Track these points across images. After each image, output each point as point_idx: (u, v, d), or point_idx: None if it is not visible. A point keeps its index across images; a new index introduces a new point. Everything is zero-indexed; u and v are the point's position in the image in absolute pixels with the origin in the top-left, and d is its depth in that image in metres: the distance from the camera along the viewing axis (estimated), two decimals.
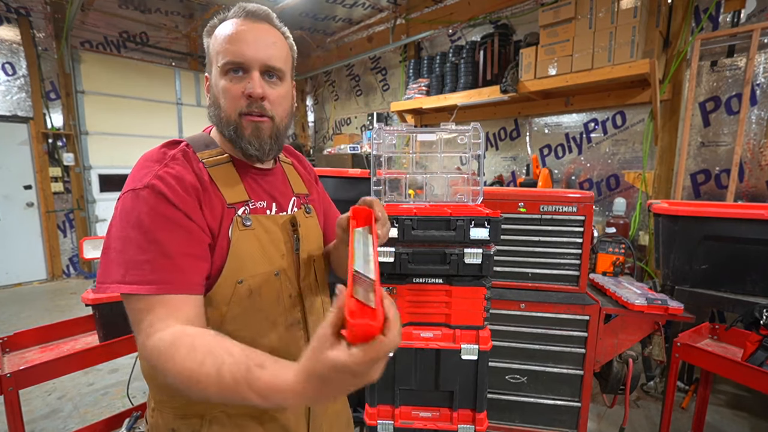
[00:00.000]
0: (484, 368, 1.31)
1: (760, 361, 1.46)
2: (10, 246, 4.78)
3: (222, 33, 0.72)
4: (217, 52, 0.72)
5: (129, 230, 0.63)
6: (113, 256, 0.63)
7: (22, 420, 1.39)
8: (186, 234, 0.66)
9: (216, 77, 0.73)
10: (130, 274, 0.61)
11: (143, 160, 0.71)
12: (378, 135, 1.48)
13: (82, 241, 1.80)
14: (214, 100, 0.75)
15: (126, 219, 0.64)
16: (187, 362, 0.55)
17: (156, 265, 0.62)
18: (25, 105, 4.72)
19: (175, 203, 0.65)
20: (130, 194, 0.65)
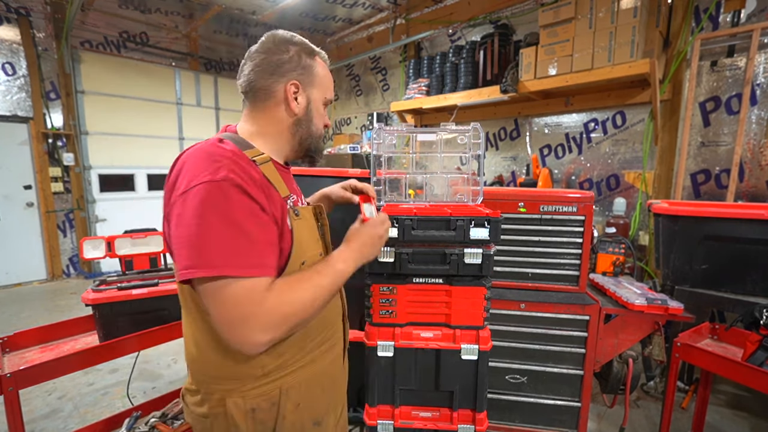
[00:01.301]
0: (484, 368, 1.31)
1: (760, 361, 1.46)
2: (10, 246, 4.78)
3: (327, 74, 0.96)
4: (327, 86, 0.95)
5: (217, 219, 0.68)
6: (207, 243, 0.68)
7: (22, 420, 1.39)
8: (265, 224, 0.75)
9: (318, 101, 0.93)
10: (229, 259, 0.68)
11: (205, 152, 0.75)
12: (378, 135, 1.48)
13: (82, 241, 1.80)
14: (309, 114, 0.92)
15: (212, 208, 0.69)
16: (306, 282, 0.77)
17: (250, 251, 0.70)
18: (25, 105, 4.72)
19: (253, 196, 0.73)
20: (209, 185, 0.69)
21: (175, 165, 0.78)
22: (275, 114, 0.88)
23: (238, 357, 0.79)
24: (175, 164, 0.78)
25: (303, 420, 0.88)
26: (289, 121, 0.90)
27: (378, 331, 1.34)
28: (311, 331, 0.89)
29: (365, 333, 1.38)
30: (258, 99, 0.88)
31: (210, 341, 0.80)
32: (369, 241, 0.94)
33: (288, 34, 0.91)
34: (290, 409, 0.85)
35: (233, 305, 0.68)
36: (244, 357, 0.79)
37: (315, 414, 0.91)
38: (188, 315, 0.83)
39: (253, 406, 0.81)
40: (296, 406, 0.86)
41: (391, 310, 1.34)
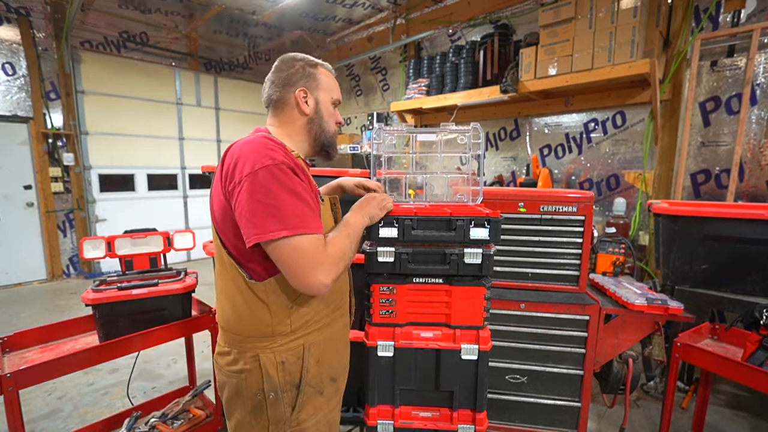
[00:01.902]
0: (484, 368, 1.31)
1: (760, 361, 1.46)
2: (10, 246, 4.78)
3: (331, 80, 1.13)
4: (332, 89, 1.13)
5: (286, 193, 0.88)
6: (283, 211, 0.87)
7: (22, 420, 1.39)
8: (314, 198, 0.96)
9: (326, 103, 1.12)
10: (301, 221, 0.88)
11: (261, 144, 0.93)
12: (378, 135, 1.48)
13: (82, 241, 1.79)
14: (321, 114, 1.11)
15: (280, 185, 0.87)
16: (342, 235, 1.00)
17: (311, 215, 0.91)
18: (25, 105, 4.72)
19: (301, 177, 0.94)
20: (273, 167, 0.88)
21: (227, 155, 0.94)
22: (291, 116, 1.08)
23: (271, 318, 0.96)
24: (227, 154, 0.94)
25: (322, 374, 1.05)
26: (303, 120, 1.08)
27: (378, 331, 1.34)
28: (325, 297, 1.05)
29: (365, 333, 1.38)
30: (277, 108, 1.08)
31: (248, 307, 0.96)
32: (374, 203, 1.19)
33: (293, 54, 1.11)
34: (312, 363, 1.02)
35: (307, 255, 0.87)
36: (277, 318, 0.97)
37: (331, 371, 1.08)
38: (229, 282, 0.98)
39: (283, 360, 0.98)
40: (317, 361, 1.03)
41: (391, 310, 1.34)
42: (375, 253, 1.28)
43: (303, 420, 1.01)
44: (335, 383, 1.10)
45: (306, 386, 1.00)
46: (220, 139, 6.45)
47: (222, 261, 0.99)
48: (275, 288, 0.96)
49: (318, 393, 1.04)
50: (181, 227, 6.12)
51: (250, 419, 0.99)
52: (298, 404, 0.99)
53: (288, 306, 0.97)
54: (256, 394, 0.97)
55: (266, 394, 0.97)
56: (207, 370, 2.75)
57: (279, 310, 0.96)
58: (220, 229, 0.97)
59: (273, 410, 0.98)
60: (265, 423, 0.98)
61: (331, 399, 1.09)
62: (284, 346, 0.98)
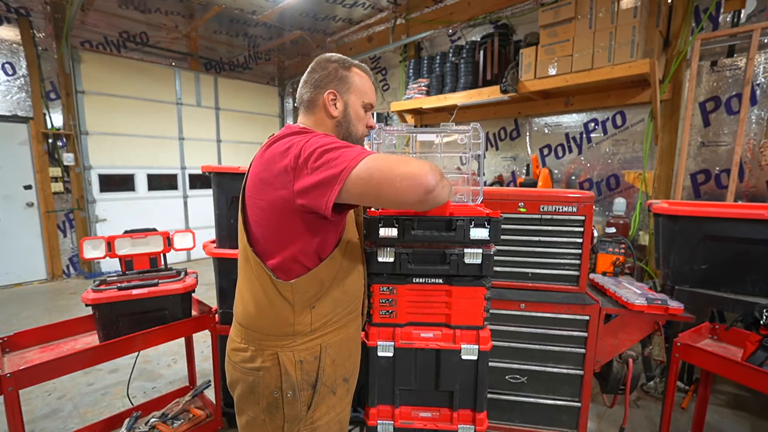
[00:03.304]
0: (484, 368, 1.31)
1: (760, 361, 1.46)
2: (10, 246, 4.78)
3: (365, 82, 1.12)
4: (364, 92, 1.11)
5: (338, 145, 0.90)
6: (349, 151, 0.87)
7: (22, 420, 1.39)
8: None
9: (356, 105, 1.11)
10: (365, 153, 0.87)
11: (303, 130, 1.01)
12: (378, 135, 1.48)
13: (82, 241, 1.80)
14: (349, 117, 1.10)
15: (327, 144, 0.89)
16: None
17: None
18: (25, 105, 4.72)
19: None
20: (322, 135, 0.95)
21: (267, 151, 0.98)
22: (320, 118, 1.09)
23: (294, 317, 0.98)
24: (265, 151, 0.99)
25: (336, 374, 1.07)
26: (331, 122, 1.09)
27: (378, 331, 1.34)
28: (343, 300, 1.07)
29: (365, 333, 1.38)
30: (308, 108, 1.09)
31: (272, 305, 0.98)
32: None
33: (328, 54, 1.11)
34: (328, 363, 1.04)
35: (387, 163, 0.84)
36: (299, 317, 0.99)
37: (345, 371, 1.11)
38: (254, 280, 1.00)
39: (301, 359, 1.00)
40: (332, 361, 1.05)
41: (391, 310, 1.34)
42: (375, 253, 1.27)
43: (317, 419, 1.03)
44: (347, 383, 1.12)
45: (321, 386, 1.02)
46: (220, 139, 6.45)
47: (247, 259, 1.01)
48: (300, 288, 0.97)
49: (332, 392, 1.06)
50: (181, 227, 6.11)
51: (264, 417, 1.01)
52: (313, 403, 1.01)
53: (310, 306, 1.00)
54: (273, 392, 0.99)
55: (284, 392, 0.98)
56: (207, 370, 2.75)
57: (302, 310, 0.99)
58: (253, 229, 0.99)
59: (290, 408, 0.99)
60: (281, 422, 1.00)
61: (343, 399, 1.11)
62: (303, 345, 1.00)
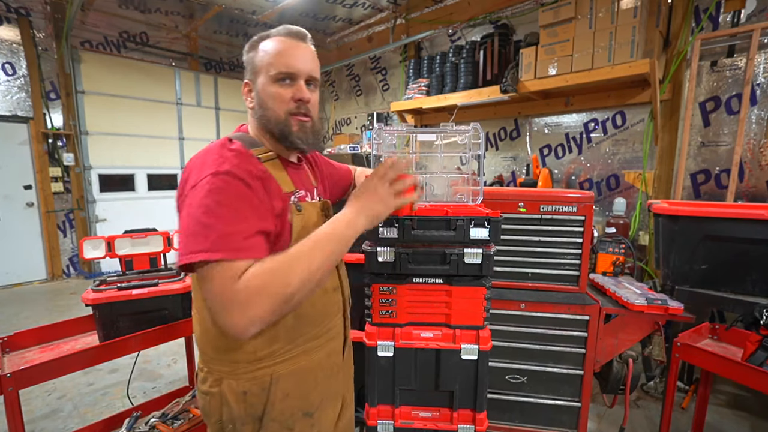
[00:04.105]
0: (484, 368, 1.31)
1: (760, 361, 1.46)
2: (10, 246, 4.78)
3: (272, 47, 0.88)
4: (269, 63, 0.87)
5: (220, 207, 0.73)
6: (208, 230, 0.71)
7: (22, 420, 1.39)
8: (260, 214, 0.79)
9: (265, 84, 0.88)
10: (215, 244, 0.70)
11: (211, 151, 0.81)
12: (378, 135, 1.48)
13: (82, 241, 1.80)
14: (261, 102, 0.89)
15: (216, 197, 0.73)
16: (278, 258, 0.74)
17: (241, 234, 0.73)
18: (25, 105, 4.72)
19: (252, 187, 0.78)
20: (213, 177, 0.75)
21: (188, 164, 0.83)
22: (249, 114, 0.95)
23: (231, 341, 0.84)
24: (188, 164, 0.84)
25: (292, 409, 0.91)
26: (252, 117, 0.94)
27: (378, 331, 1.34)
28: (304, 323, 0.92)
29: (365, 333, 1.38)
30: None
31: (210, 326, 0.86)
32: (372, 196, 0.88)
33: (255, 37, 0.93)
34: (279, 397, 0.89)
35: (216, 291, 0.70)
36: (238, 342, 0.84)
37: (306, 405, 0.94)
38: (196, 298, 0.91)
39: (245, 389, 0.86)
40: (285, 395, 0.90)
41: (391, 310, 1.34)
42: (375, 253, 1.27)
43: None
44: (311, 418, 0.95)
45: (270, 421, 0.88)
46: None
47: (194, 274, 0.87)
48: None
49: (286, 429, 0.91)
50: None
51: None
52: None
53: None
54: (216, 421, 0.89)
55: (224, 423, 0.88)
56: None
57: None
58: None
59: None
60: None
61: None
62: (249, 374, 0.86)
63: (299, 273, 0.73)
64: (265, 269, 0.71)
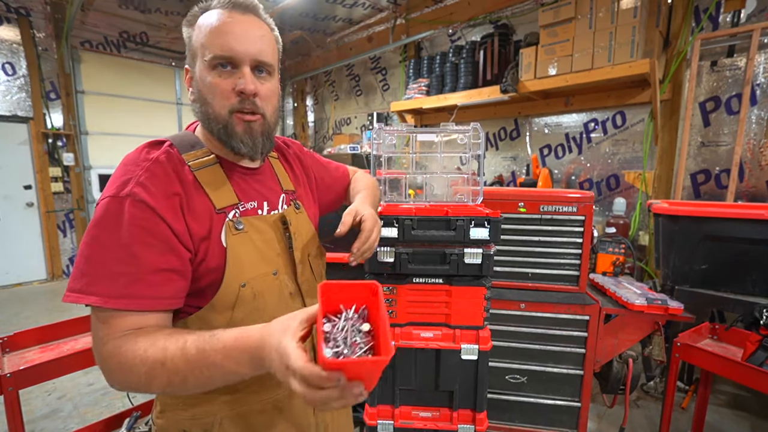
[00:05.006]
0: (484, 368, 1.31)
1: (760, 361, 1.46)
2: (10, 246, 4.78)
3: (207, 24, 0.68)
4: (203, 45, 0.68)
5: (107, 240, 0.60)
6: (87, 265, 0.60)
7: (22, 420, 1.39)
8: (165, 248, 0.63)
9: (201, 71, 0.69)
10: (97, 286, 0.59)
11: (125, 163, 0.67)
12: (378, 135, 1.48)
13: None
14: (199, 95, 0.70)
15: (105, 228, 0.61)
16: (150, 352, 0.56)
17: (130, 278, 0.60)
18: (25, 105, 4.72)
19: (159, 213, 0.62)
20: (110, 201, 0.62)
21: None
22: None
23: None
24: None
25: None
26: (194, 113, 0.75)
27: None
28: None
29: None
30: None
31: None
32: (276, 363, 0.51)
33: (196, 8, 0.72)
34: None
35: (93, 338, 0.61)
36: None
37: None
38: None
39: (185, 429, 0.71)
40: None
41: (391, 310, 1.34)
42: (375, 253, 1.27)
43: None
44: None
45: None
46: None
47: None
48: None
49: None
50: None
51: None
52: None
53: None
54: None
55: None
56: None
57: None
58: None
59: None
60: None
61: None
62: (188, 411, 0.71)
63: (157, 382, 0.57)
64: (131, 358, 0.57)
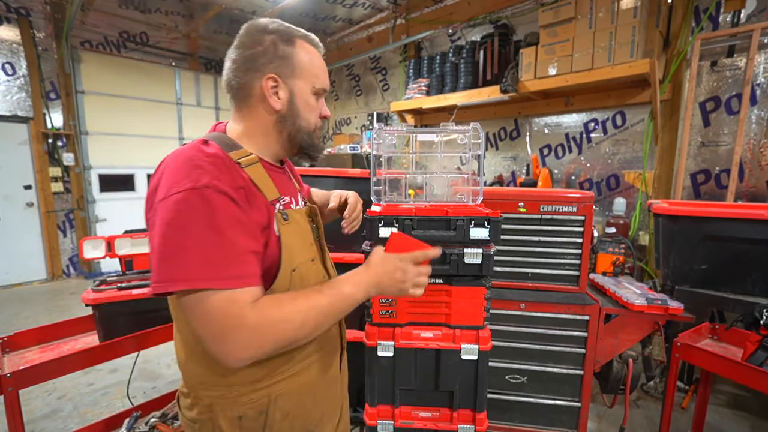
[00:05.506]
0: (484, 368, 1.31)
1: (760, 361, 1.46)
2: (10, 246, 4.78)
3: (314, 59, 0.86)
4: (313, 75, 0.85)
5: (198, 229, 0.65)
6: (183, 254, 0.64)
7: (22, 420, 1.39)
8: (249, 232, 0.71)
9: (304, 92, 0.84)
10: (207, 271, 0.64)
11: (185, 160, 0.70)
12: (378, 135, 1.48)
13: (82, 241, 1.80)
14: (295, 108, 0.84)
15: (192, 218, 0.65)
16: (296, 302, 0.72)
17: (232, 261, 0.67)
18: (25, 105, 4.72)
19: (238, 202, 0.70)
20: (189, 193, 0.65)
21: (157, 169, 0.73)
22: (257, 112, 0.83)
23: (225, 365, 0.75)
24: (157, 169, 0.73)
25: (293, 429, 0.85)
26: (271, 118, 0.83)
27: (378, 331, 1.34)
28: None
29: (365, 333, 1.38)
30: (239, 98, 0.83)
31: (198, 348, 0.77)
32: (395, 275, 0.81)
33: (264, 22, 0.82)
34: (278, 419, 0.82)
35: (213, 320, 0.65)
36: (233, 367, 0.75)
37: (306, 423, 0.88)
38: (176, 320, 0.82)
39: (240, 414, 0.79)
40: (285, 415, 0.83)
41: (391, 310, 1.34)
42: None
43: None
44: None
45: None
46: None
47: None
48: None
49: None
50: None
51: None
52: None
53: None
54: None
55: None
56: None
57: None
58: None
59: None
60: None
61: None
62: (245, 397, 0.79)
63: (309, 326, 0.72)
64: (280, 312, 0.69)
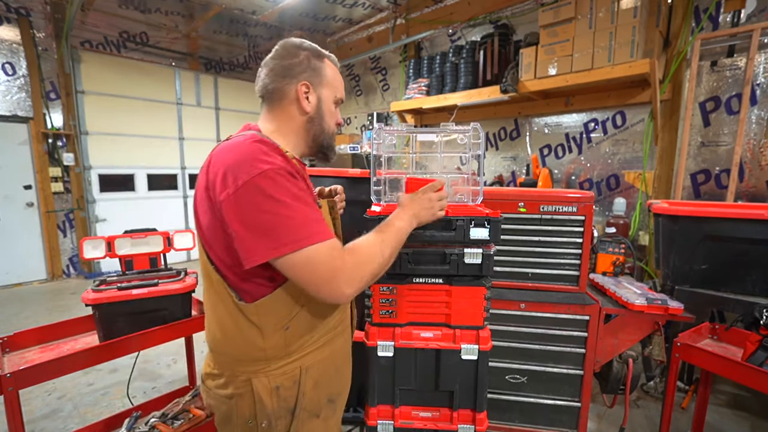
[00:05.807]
0: (484, 368, 1.31)
1: (760, 361, 1.46)
2: (10, 246, 4.78)
3: (337, 75, 1.03)
4: (336, 87, 1.02)
5: (289, 200, 0.78)
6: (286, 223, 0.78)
7: (22, 420, 1.39)
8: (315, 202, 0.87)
9: (329, 101, 1.01)
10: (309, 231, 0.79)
11: (247, 151, 0.82)
12: (378, 135, 1.48)
13: (82, 241, 1.79)
14: (321, 113, 0.99)
15: (280, 192, 0.78)
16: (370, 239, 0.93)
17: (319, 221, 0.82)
18: (25, 105, 4.72)
19: (306, 181, 0.89)
20: (269, 173, 0.78)
21: (212, 160, 0.84)
22: (289, 113, 0.97)
23: (263, 342, 0.88)
24: (211, 160, 0.84)
25: (320, 397, 0.97)
26: (302, 119, 0.98)
27: (378, 331, 1.34)
28: (326, 314, 0.98)
29: (365, 333, 1.38)
30: (274, 100, 0.96)
31: (239, 329, 0.87)
32: (423, 201, 1.10)
33: (298, 40, 0.99)
34: (310, 386, 0.94)
35: (322, 266, 0.79)
36: (271, 341, 0.88)
37: (330, 392, 1.01)
38: (217, 302, 0.90)
39: (278, 384, 0.90)
40: (315, 383, 0.95)
41: (391, 310, 1.34)
42: None
43: None
44: (333, 404, 1.03)
45: (301, 411, 0.93)
46: (220, 139, 6.39)
47: (209, 278, 0.89)
48: (268, 309, 0.86)
49: (314, 416, 0.97)
50: (181, 227, 6.11)
51: None
52: (292, 430, 0.93)
53: (283, 327, 0.89)
54: (247, 421, 0.90)
55: (258, 422, 0.90)
56: None
57: (273, 332, 0.88)
58: (208, 244, 0.87)
59: None
60: None
61: (329, 419, 1.02)
62: (279, 369, 0.90)
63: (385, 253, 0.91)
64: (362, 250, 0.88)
